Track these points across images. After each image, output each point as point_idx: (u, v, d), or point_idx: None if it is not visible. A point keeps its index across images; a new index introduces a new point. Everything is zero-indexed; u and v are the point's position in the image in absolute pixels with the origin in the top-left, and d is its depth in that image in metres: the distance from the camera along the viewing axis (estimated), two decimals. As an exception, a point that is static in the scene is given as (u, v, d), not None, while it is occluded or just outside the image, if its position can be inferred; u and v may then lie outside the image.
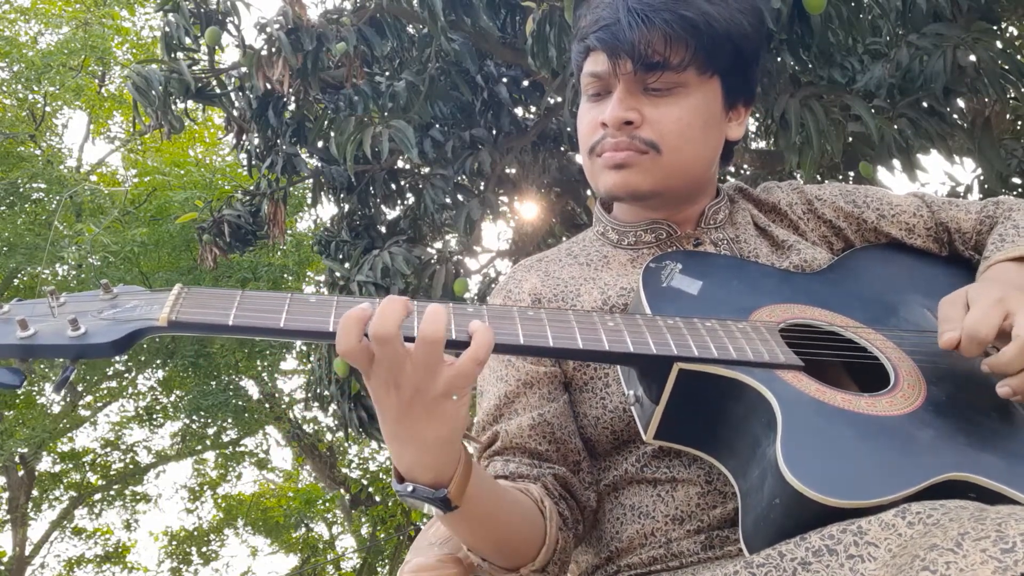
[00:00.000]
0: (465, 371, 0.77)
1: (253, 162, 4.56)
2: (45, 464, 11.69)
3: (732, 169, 4.64)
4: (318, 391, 4.55)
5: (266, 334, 0.79)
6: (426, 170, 4.56)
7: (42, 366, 9.45)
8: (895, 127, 2.89)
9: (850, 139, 3.12)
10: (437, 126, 4.31)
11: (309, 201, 5.75)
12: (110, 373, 10.83)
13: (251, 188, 4.82)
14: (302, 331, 0.79)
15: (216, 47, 4.02)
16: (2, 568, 11.03)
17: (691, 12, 1.02)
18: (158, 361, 10.27)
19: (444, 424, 0.80)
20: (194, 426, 11.34)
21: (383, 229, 4.77)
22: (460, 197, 4.38)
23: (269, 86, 3.69)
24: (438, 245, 5.22)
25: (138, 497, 12.80)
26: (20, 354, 0.74)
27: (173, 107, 3.94)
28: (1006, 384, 0.88)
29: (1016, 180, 3.85)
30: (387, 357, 0.76)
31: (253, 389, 11.35)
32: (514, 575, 0.96)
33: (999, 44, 3.01)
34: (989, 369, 0.90)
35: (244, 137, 4.49)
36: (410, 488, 0.83)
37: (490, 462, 1.06)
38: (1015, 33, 4.44)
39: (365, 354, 0.76)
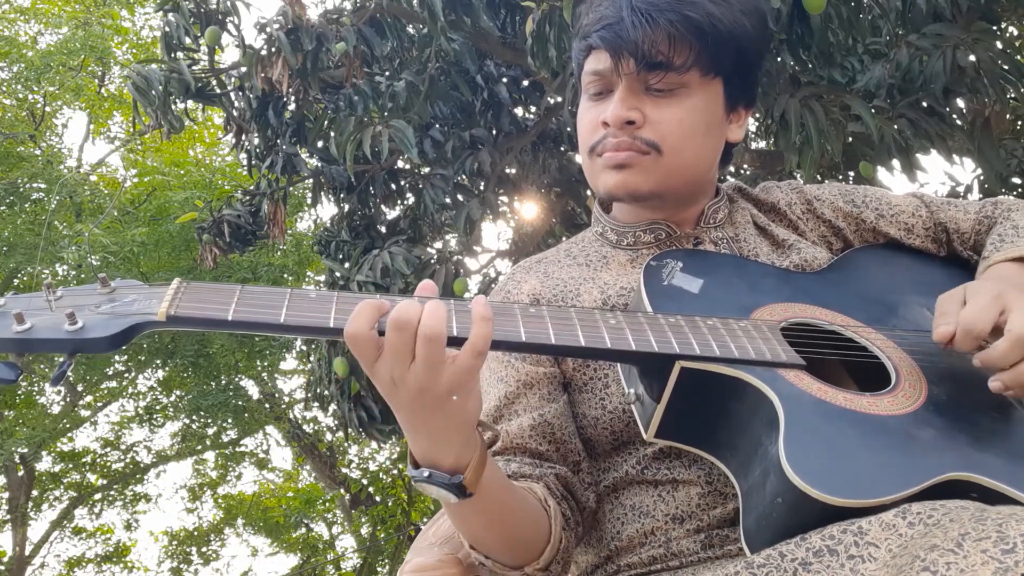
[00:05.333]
0: (466, 366, 0.77)
1: (253, 162, 4.56)
2: (45, 464, 11.69)
3: (732, 169, 4.64)
4: (318, 391, 4.55)
5: (266, 330, 0.79)
6: (426, 170, 4.56)
7: (42, 366, 9.45)
8: (895, 127, 2.89)
9: (850, 139, 3.12)
10: (437, 126, 4.31)
11: (309, 201, 5.75)
12: (110, 373, 10.82)
13: (251, 188, 4.82)
14: (302, 327, 0.78)
15: (216, 47, 4.02)
16: (2, 568, 11.03)
17: (696, 13, 1.02)
18: (158, 361, 10.26)
19: (453, 417, 0.80)
20: (194, 426, 11.33)
21: (383, 229, 4.77)
22: (460, 197, 4.38)
23: (269, 86, 3.69)
24: (438, 245, 5.22)
25: (138, 497, 12.80)
26: (16, 348, 0.73)
27: (173, 107, 3.93)
28: (998, 379, 0.88)
29: (1016, 180, 3.85)
30: (396, 347, 0.75)
31: (253, 389, 11.35)
32: (518, 573, 0.95)
33: (999, 44, 3.01)
34: (981, 363, 0.90)
35: (244, 137, 4.48)
36: (426, 473, 0.83)
37: None
38: (1015, 33, 4.43)
39: (372, 343, 0.76)
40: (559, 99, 4.22)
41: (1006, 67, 2.78)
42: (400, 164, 4.71)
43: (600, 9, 1.07)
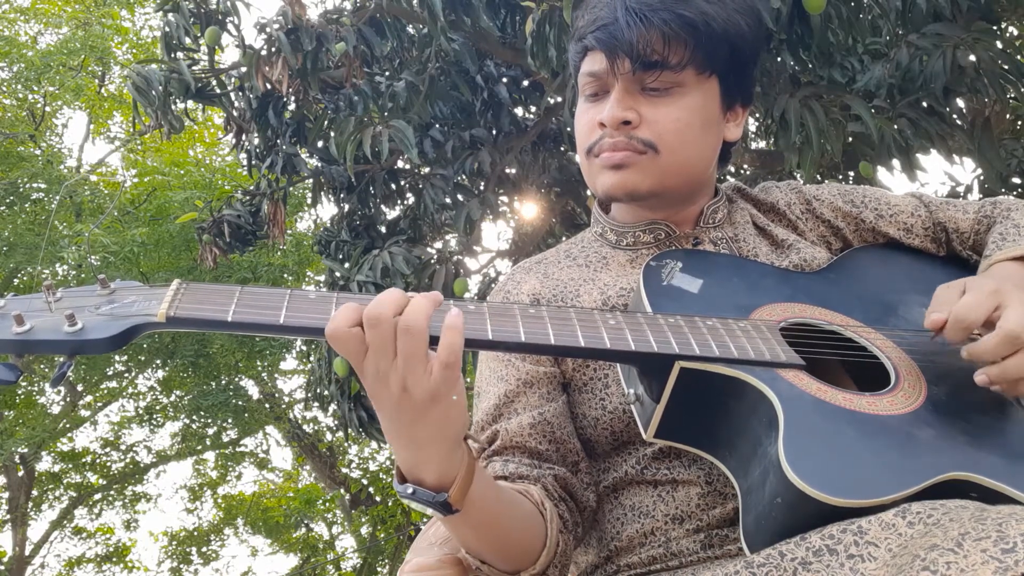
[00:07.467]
0: (438, 376, 0.76)
1: (253, 162, 4.55)
2: (45, 464, 11.69)
3: (732, 169, 4.64)
4: (318, 391, 4.54)
5: (266, 331, 0.79)
6: (426, 170, 4.56)
7: (42, 366, 9.46)
8: (895, 127, 2.89)
9: (850, 139, 3.12)
10: (437, 126, 4.31)
11: (309, 201, 5.75)
12: (110, 373, 10.83)
13: (251, 188, 4.82)
14: (302, 327, 0.78)
15: (216, 47, 4.02)
16: (2, 568, 11.03)
17: (690, 12, 1.02)
18: (158, 361, 10.26)
19: (436, 426, 0.79)
20: (194, 426, 11.33)
21: (383, 229, 4.77)
22: (460, 197, 4.38)
23: (269, 86, 3.69)
24: (438, 245, 5.22)
25: (138, 497, 12.81)
26: (16, 349, 0.73)
27: (173, 107, 3.93)
28: (983, 372, 0.89)
29: (1016, 180, 3.85)
30: (376, 343, 0.75)
31: (253, 389, 11.35)
32: None
33: (999, 44, 3.00)
34: (968, 356, 0.90)
35: (244, 137, 4.48)
36: (410, 490, 0.82)
37: (489, 462, 1.06)
38: (1015, 33, 4.43)
39: (354, 341, 0.75)
40: (559, 99, 4.22)
41: (1006, 67, 2.77)
42: (400, 164, 4.71)
43: (595, 11, 1.07)
